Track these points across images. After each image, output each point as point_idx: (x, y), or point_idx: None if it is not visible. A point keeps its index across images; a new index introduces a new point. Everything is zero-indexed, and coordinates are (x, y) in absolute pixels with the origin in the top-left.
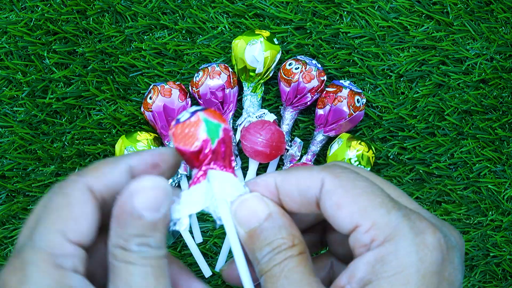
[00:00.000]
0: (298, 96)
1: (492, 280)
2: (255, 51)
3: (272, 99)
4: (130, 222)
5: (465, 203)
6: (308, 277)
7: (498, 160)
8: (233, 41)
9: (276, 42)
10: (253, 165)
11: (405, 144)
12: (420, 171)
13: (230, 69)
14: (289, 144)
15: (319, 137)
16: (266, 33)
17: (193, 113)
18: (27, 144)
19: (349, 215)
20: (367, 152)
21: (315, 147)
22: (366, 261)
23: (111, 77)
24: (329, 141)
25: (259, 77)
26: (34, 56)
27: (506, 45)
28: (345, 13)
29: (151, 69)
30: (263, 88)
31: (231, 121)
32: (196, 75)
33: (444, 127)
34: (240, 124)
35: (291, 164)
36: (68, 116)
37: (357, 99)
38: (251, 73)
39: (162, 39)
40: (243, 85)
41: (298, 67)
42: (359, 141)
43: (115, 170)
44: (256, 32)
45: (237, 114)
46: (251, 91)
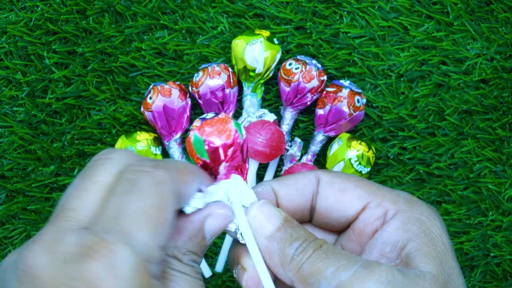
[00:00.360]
0: (298, 96)
1: (493, 280)
2: (255, 51)
3: (272, 99)
4: (194, 239)
5: (465, 203)
6: (346, 252)
7: (499, 160)
8: (233, 41)
9: (276, 42)
10: (253, 165)
11: (405, 144)
12: (420, 171)
13: (230, 69)
14: (289, 144)
15: (319, 137)
16: (266, 33)
17: (218, 113)
18: (26, 144)
19: (357, 196)
20: (367, 152)
21: (315, 147)
22: (395, 228)
23: (111, 77)
24: (329, 141)
25: (259, 77)
26: (33, 56)
27: (506, 45)
28: (345, 13)
29: (151, 69)
30: (263, 88)
31: None
32: (196, 75)
33: (444, 127)
34: (240, 124)
35: (291, 164)
36: (68, 116)
37: (357, 99)
38: (251, 73)
39: (162, 39)
40: (243, 85)
41: (298, 67)
42: (359, 141)
43: (193, 183)
44: (256, 32)
45: (237, 114)
46: (251, 91)
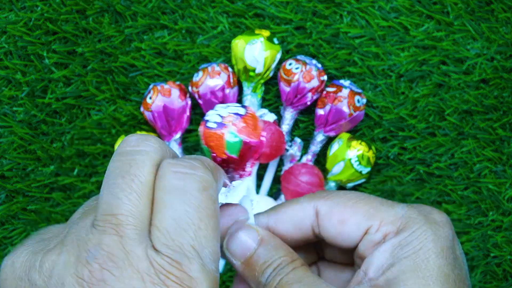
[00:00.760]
0: (298, 96)
1: (493, 281)
2: (255, 51)
3: (272, 99)
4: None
5: (465, 203)
6: (319, 279)
7: (499, 160)
8: (233, 41)
9: (276, 42)
10: None
11: (405, 144)
12: (421, 171)
13: (230, 69)
14: (289, 144)
15: (319, 137)
16: (266, 33)
17: (244, 106)
18: (26, 144)
19: (356, 225)
20: (367, 152)
21: (315, 147)
22: (383, 250)
23: (111, 77)
24: (329, 141)
25: (259, 77)
26: (33, 56)
27: (506, 45)
28: (345, 13)
29: (151, 69)
30: (263, 88)
31: None
32: (196, 75)
33: (445, 127)
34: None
35: (291, 164)
36: (68, 116)
37: (357, 99)
38: (251, 73)
39: (162, 39)
40: (243, 85)
41: (298, 67)
42: (359, 141)
43: (222, 180)
44: (256, 32)
45: None
46: (251, 91)
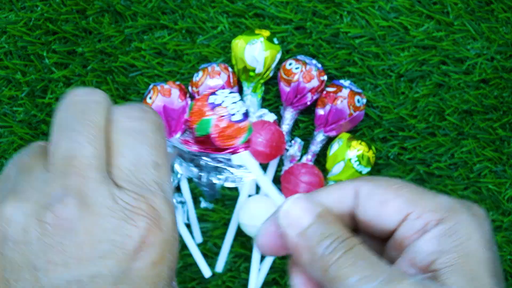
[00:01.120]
0: (298, 96)
1: None
2: (255, 51)
3: (272, 99)
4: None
5: None
6: (381, 260)
7: (499, 160)
8: (233, 41)
9: (276, 42)
10: None
11: (405, 144)
12: (421, 171)
13: (230, 69)
14: (289, 144)
15: (319, 137)
16: (266, 33)
17: (246, 114)
18: (26, 144)
19: (397, 208)
20: (367, 152)
21: (315, 147)
22: (429, 239)
23: (111, 77)
24: (329, 141)
25: (259, 77)
26: (33, 56)
27: (506, 45)
28: (345, 13)
29: (151, 69)
30: (263, 88)
31: None
32: (196, 75)
33: (445, 127)
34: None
35: (291, 164)
36: None
37: (357, 99)
38: (251, 73)
39: (162, 39)
40: (243, 85)
41: (298, 67)
42: (359, 141)
43: None
44: (256, 32)
45: None
46: (251, 91)
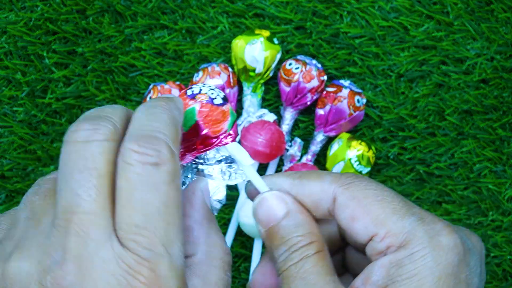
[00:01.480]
0: (298, 96)
1: (493, 281)
2: (255, 51)
3: (272, 99)
4: None
5: (465, 203)
6: (325, 277)
7: (499, 160)
8: (233, 41)
9: (276, 42)
10: (253, 165)
11: (405, 144)
12: (420, 171)
13: (230, 69)
14: (289, 144)
15: (319, 137)
16: (266, 33)
17: (225, 99)
18: (26, 144)
19: (364, 227)
20: (367, 152)
21: (315, 147)
22: (381, 265)
23: (111, 77)
24: (329, 141)
25: (259, 77)
26: (33, 56)
27: (506, 45)
28: (345, 13)
29: (151, 69)
30: (263, 88)
31: None
32: (196, 75)
33: (445, 127)
34: (240, 124)
35: (291, 164)
36: (68, 116)
37: (357, 99)
38: (251, 73)
39: (162, 39)
40: (243, 85)
41: (298, 67)
42: (359, 141)
43: None
44: (256, 32)
45: (237, 114)
46: (251, 91)
